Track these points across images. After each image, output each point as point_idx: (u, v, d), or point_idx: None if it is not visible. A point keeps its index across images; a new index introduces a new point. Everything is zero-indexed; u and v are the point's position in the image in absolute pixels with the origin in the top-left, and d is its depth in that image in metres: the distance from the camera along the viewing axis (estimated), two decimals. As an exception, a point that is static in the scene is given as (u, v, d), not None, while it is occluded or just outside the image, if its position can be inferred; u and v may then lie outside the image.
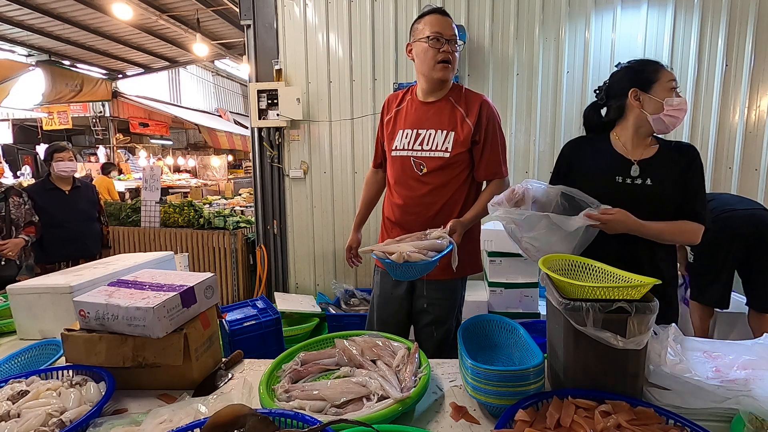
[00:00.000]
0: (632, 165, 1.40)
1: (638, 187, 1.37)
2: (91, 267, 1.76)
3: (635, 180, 1.38)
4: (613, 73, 1.49)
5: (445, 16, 1.61)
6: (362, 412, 0.94)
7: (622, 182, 1.39)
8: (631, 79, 1.41)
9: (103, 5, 5.95)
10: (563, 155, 1.55)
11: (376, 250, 1.41)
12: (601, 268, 1.11)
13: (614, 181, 1.39)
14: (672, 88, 1.35)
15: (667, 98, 1.34)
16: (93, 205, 3.17)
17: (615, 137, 1.48)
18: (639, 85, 1.38)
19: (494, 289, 2.88)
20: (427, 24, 1.59)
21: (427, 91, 1.69)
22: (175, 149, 13.36)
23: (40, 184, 3.07)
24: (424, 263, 1.32)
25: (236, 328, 2.46)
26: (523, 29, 3.24)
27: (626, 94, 1.40)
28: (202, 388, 1.14)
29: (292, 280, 3.85)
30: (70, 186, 3.03)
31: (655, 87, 1.36)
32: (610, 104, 1.49)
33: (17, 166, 9.79)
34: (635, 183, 1.38)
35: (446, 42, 1.58)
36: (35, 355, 1.34)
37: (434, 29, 1.57)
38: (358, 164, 3.60)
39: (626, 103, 1.42)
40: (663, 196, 1.37)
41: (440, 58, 1.58)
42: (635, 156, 1.42)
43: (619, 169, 1.40)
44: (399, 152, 1.71)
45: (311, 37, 3.51)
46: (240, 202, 6.07)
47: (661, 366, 0.98)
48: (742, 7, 2.98)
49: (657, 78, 1.36)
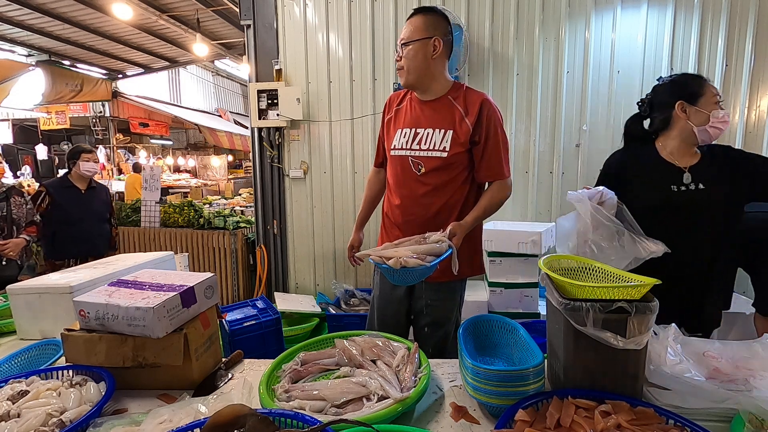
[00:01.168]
0: (683, 173, 1.47)
1: (693, 193, 1.44)
2: (91, 267, 1.75)
3: (689, 186, 1.45)
4: (655, 86, 1.57)
5: (412, 16, 1.61)
6: (362, 412, 0.94)
7: (677, 190, 1.45)
8: (678, 92, 1.48)
9: (103, 5, 5.95)
10: (610, 169, 1.61)
11: (373, 255, 1.39)
12: (601, 268, 1.11)
13: (670, 190, 1.46)
14: (717, 102, 1.43)
15: (714, 111, 1.42)
16: (106, 206, 3.26)
17: (660, 147, 1.53)
18: (686, 98, 1.46)
19: (494, 289, 2.88)
20: None
21: (421, 92, 1.68)
22: (175, 149, 13.36)
23: (58, 181, 3.15)
24: (422, 269, 1.31)
25: (236, 328, 2.45)
26: (523, 29, 3.24)
27: (672, 106, 1.48)
28: (202, 388, 1.14)
29: (292, 280, 3.85)
30: (87, 186, 3.13)
31: (702, 100, 1.44)
32: (654, 116, 1.56)
33: (17, 166, 9.79)
34: (690, 189, 1.45)
35: (400, 48, 1.61)
36: (35, 355, 1.34)
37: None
38: (358, 164, 3.60)
39: (672, 115, 1.49)
40: (715, 198, 1.44)
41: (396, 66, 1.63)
42: (683, 164, 1.48)
43: (671, 178, 1.47)
44: (397, 152, 1.69)
45: (311, 37, 3.51)
46: (240, 202, 6.07)
47: (661, 366, 0.98)
48: (742, 7, 2.98)
49: (703, 92, 1.44)
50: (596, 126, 3.21)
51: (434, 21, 1.58)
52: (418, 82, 1.63)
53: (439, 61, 1.61)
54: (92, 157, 3.09)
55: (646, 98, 1.59)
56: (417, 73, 1.60)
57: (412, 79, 1.62)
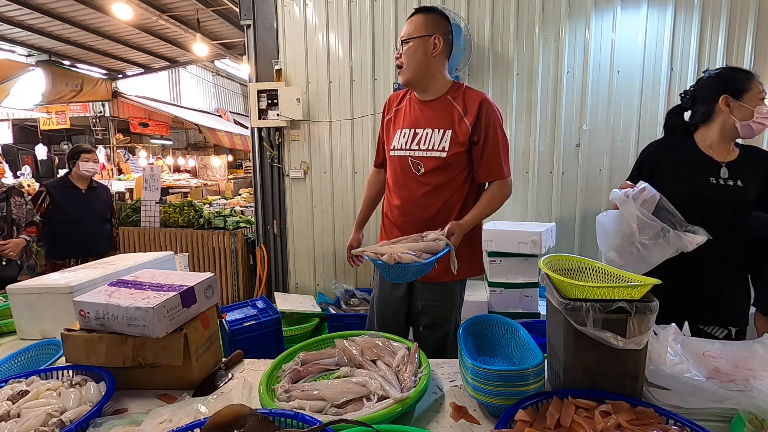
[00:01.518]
0: (721, 167, 1.47)
1: (731, 189, 1.45)
2: (92, 267, 1.75)
3: (727, 181, 1.46)
4: (699, 79, 1.57)
5: (413, 15, 1.61)
6: (362, 412, 0.94)
7: (716, 183, 1.46)
8: (723, 86, 1.48)
9: (103, 5, 5.95)
10: (648, 155, 1.61)
11: (368, 251, 1.39)
12: (601, 268, 1.11)
13: (708, 182, 1.47)
14: (762, 98, 1.43)
15: (758, 106, 1.42)
16: (106, 206, 3.26)
17: (699, 139, 1.54)
18: (731, 93, 1.46)
19: (494, 289, 2.88)
20: None
21: (420, 92, 1.68)
22: (175, 149, 13.36)
23: (59, 181, 3.17)
24: (418, 265, 1.30)
25: (236, 328, 2.46)
26: (523, 29, 3.24)
27: (716, 100, 1.47)
28: (202, 388, 1.14)
29: (292, 280, 3.85)
30: (87, 186, 3.13)
31: (747, 96, 1.44)
32: (696, 108, 1.56)
33: (17, 166, 9.78)
34: (728, 184, 1.45)
35: (400, 46, 1.60)
36: (35, 355, 1.34)
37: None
38: (358, 164, 3.60)
39: (715, 108, 1.48)
40: (750, 196, 1.46)
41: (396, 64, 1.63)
42: (721, 158, 1.49)
43: (709, 170, 1.48)
44: (397, 152, 1.69)
45: (311, 37, 3.51)
46: (240, 202, 6.07)
47: (661, 366, 0.98)
48: (742, 7, 2.98)
49: (749, 87, 1.44)
50: (596, 126, 3.20)
51: (435, 20, 1.59)
52: (417, 79, 1.62)
53: (438, 60, 1.61)
54: (92, 157, 3.10)
55: (689, 90, 1.58)
56: (416, 71, 1.60)
57: (412, 76, 1.61)
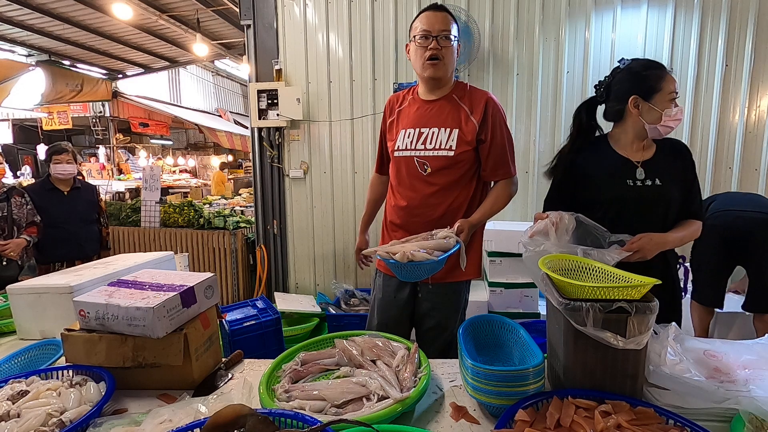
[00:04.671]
0: (636, 168, 1.41)
1: (649, 189, 1.38)
2: (91, 267, 1.75)
3: (645, 182, 1.39)
4: (615, 70, 1.47)
5: (439, 11, 1.58)
6: (362, 412, 0.94)
7: (633, 185, 1.39)
8: (634, 85, 1.39)
9: (103, 5, 5.95)
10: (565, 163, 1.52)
11: (380, 250, 1.39)
12: (601, 268, 1.11)
13: (626, 185, 1.40)
14: (672, 99, 1.35)
15: (666, 109, 1.34)
16: (92, 207, 3.14)
17: (613, 140, 1.48)
18: (641, 93, 1.37)
19: (494, 289, 2.88)
20: (419, 22, 1.58)
21: (427, 90, 1.66)
22: (175, 149, 13.36)
23: (40, 183, 3.07)
24: (431, 263, 1.30)
25: (236, 328, 2.45)
26: (523, 29, 3.24)
27: (626, 100, 1.39)
28: (202, 388, 1.14)
29: (292, 280, 3.85)
30: (70, 187, 3.02)
31: (657, 97, 1.36)
32: (609, 104, 1.48)
33: (17, 166, 9.79)
34: (645, 185, 1.39)
35: (434, 38, 1.55)
36: (35, 355, 1.34)
37: (423, 27, 1.56)
38: (358, 164, 3.60)
39: (625, 109, 1.41)
40: (671, 195, 1.38)
41: (428, 55, 1.55)
42: (636, 158, 1.42)
43: (626, 173, 1.41)
44: (402, 152, 1.67)
45: (311, 37, 3.51)
46: (240, 202, 6.07)
47: (661, 366, 0.98)
48: (742, 7, 2.98)
49: (660, 87, 1.36)
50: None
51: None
52: (447, 76, 1.63)
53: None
54: (65, 158, 2.91)
55: (605, 80, 1.48)
56: (451, 68, 1.62)
57: (448, 72, 1.62)
